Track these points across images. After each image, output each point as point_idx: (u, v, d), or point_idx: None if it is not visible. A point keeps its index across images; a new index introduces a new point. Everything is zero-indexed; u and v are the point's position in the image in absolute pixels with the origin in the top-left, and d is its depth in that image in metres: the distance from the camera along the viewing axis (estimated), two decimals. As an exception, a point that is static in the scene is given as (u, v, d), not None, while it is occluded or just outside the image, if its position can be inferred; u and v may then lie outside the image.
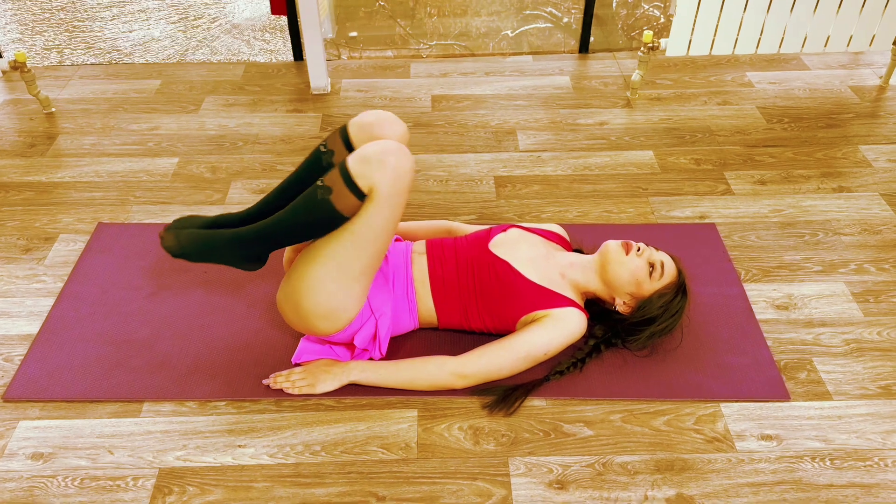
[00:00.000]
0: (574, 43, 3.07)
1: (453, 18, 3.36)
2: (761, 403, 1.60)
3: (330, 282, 1.49)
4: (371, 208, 1.42)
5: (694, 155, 2.36)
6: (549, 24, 3.33)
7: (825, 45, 2.53)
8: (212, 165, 2.31)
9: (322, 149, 1.58)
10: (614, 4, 3.52)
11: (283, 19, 3.13)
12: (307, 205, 1.43)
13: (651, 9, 3.45)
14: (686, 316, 1.79)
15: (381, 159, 1.39)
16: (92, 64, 2.87)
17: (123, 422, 1.56)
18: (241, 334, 1.75)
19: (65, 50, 2.93)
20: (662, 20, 3.33)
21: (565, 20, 3.37)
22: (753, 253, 1.98)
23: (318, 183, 1.42)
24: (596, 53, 2.96)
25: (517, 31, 3.24)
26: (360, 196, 1.41)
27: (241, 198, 2.17)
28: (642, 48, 2.53)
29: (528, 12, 3.45)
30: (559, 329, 1.60)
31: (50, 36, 3.00)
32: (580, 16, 3.38)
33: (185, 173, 2.28)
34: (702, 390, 1.62)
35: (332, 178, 1.41)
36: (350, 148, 1.56)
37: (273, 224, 1.48)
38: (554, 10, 3.46)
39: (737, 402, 1.60)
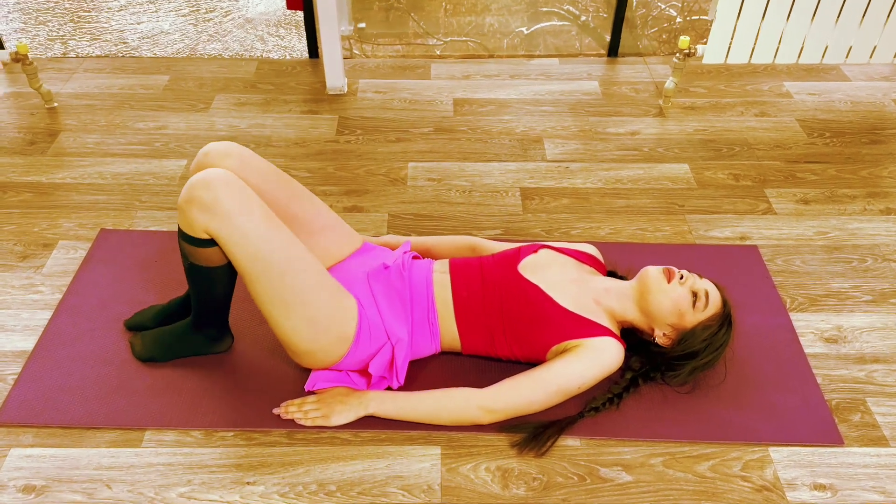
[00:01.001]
0: (590, 41, 2.95)
1: (468, 15, 3.23)
2: (813, 448, 1.47)
3: (288, 322, 1.41)
4: (224, 242, 1.34)
5: (732, 170, 2.23)
6: (566, 23, 3.20)
7: (871, 57, 2.40)
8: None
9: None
10: (634, 3, 3.39)
11: (299, 14, 2.99)
12: (191, 276, 1.45)
13: (668, 8, 3.32)
14: (730, 348, 1.66)
15: (189, 198, 1.32)
16: (97, 56, 2.75)
17: (123, 452, 1.44)
18: (250, 356, 1.63)
19: (69, 41, 2.80)
20: (679, 21, 3.20)
21: (583, 18, 3.24)
22: (798, 279, 1.85)
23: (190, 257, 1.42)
24: (626, 57, 2.83)
25: (532, 29, 3.11)
26: (207, 243, 1.36)
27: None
28: (678, 54, 2.40)
29: (543, 9, 3.32)
30: (594, 360, 1.47)
31: (54, 26, 2.87)
32: (601, 15, 3.25)
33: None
34: (749, 432, 1.50)
35: (181, 243, 1.41)
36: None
37: (193, 302, 1.53)
38: (571, 8, 3.33)
39: (786, 445, 1.47)
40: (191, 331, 1.58)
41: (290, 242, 1.37)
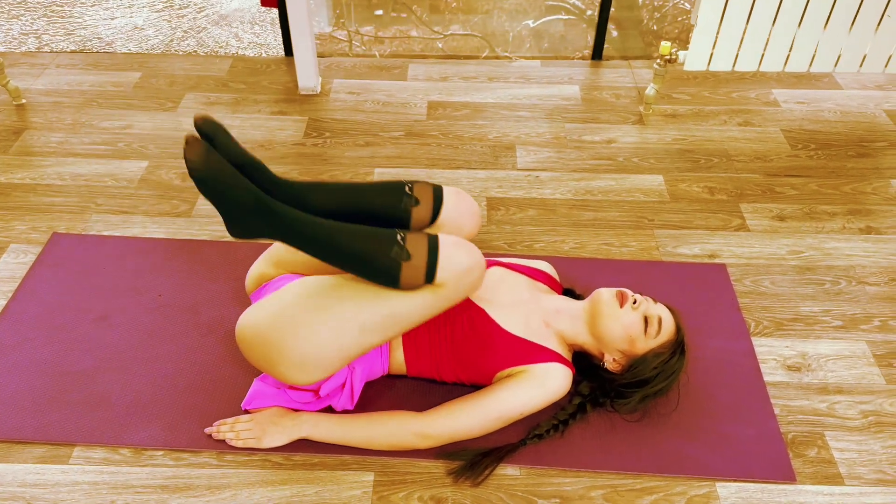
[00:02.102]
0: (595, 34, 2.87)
1: (471, 7, 3.16)
2: (763, 485, 1.41)
3: (327, 336, 1.28)
4: (424, 296, 1.29)
5: (708, 182, 2.15)
6: (572, 17, 3.12)
7: (860, 66, 2.30)
8: (183, 171, 2.14)
9: (408, 190, 1.44)
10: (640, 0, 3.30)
11: (275, 12, 2.94)
12: (374, 249, 1.26)
13: (673, 12, 3.22)
14: (685, 374, 1.60)
15: (472, 268, 1.29)
16: (71, 51, 2.71)
17: (49, 469, 1.40)
18: (188, 371, 1.58)
19: (43, 35, 2.76)
20: (682, 21, 3.11)
21: (589, 13, 3.16)
22: (766, 301, 1.78)
23: (399, 239, 1.27)
24: (610, 60, 2.74)
25: (539, 22, 3.03)
26: (430, 281, 1.27)
27: (209, 210, 2.00)
28: (658, 60, 2.32)
29: (549, 2, 3.24)
30: (539, 388, 1.42)
31: (27, 20, 2.83)
32: (611, 11, 3.17)
33: (152, 179, 2.11)
34: (697, 465, 1.43)
35: (417, 248, 1.26)
36: (437, 210, 1.47)
37: (321, 232, 1.27)
38: (577, 2, 3.25)
39: (735, 481, 1.41)
40: (264, 215, 1.26)
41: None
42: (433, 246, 1.27)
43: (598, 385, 1.51)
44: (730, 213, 2.04)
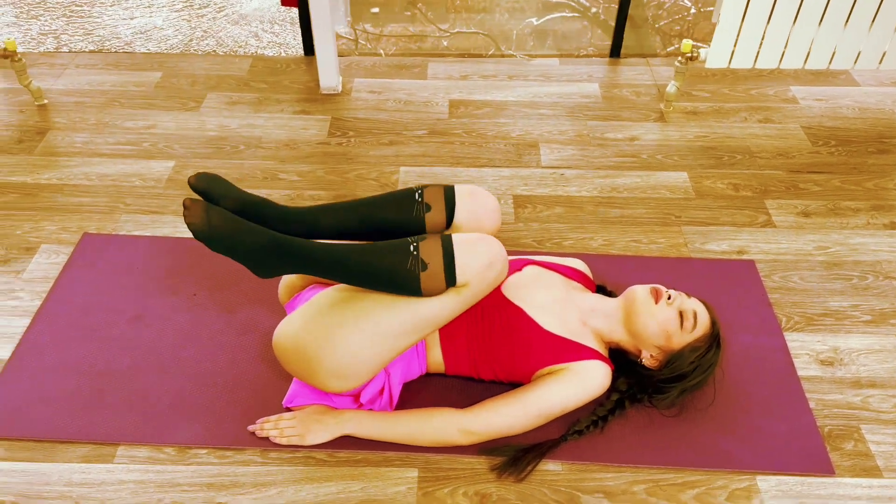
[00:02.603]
0: (600, 32, 2.88)
1: (475, 7, 3.16)
2: (802, 478, 1.43)
3: (360, 343, 1.32)
4: (449, 298, 1.31)
5: (732, 179, 2.16)
6: (576, 14, 3.13)
7: (880, 63, 2.32)
8: (209, 171, 2.14)
9: (418, 197, 1.45)
10: None
11: (295, 11, 2.94)
12: (390, 265, 1.27)
13: (673, 9, 3.23)
14: (720, 369, 1.61)
15: (492, 262, 1.30)
16: (90, 51, 2.71)
17: (95, 468, 1.41)
18: (228, 370, 1.59)
19: (62, 35, 2.76)
20: (693, 12, 3.12)
21: (593, 10, 3.17)
22: (796, 297, 1.80)
23: (413, 249, 1.27)
24: (628, 59, 2.76)
25: (542, 20, 3.04)
26: (452, 285, 1.29)
27: (238, 209, 2.00)
28: (680, 58, 2.33)
29: (553, 0, 3.25)
30: (579, 385, 1.43)
31: (46, 20, 2.83)
32: (612, 6, 3.17)
33: (180, 179, 2.11)
34: (736, 459, 1.45)
35: (432, 255, 1.27)
36: (451, 213, 1.48)
37: (336, 258, 1.28)
38: (583, 0, 3.26)
39: (775, 474, 1.43)
40: (279, 254, 1.29)
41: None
42: (448, 251, 1.28)
43: (636, 381, 1.53)
44: (755, 210, 2.05)
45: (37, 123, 2.33)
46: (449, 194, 1.48)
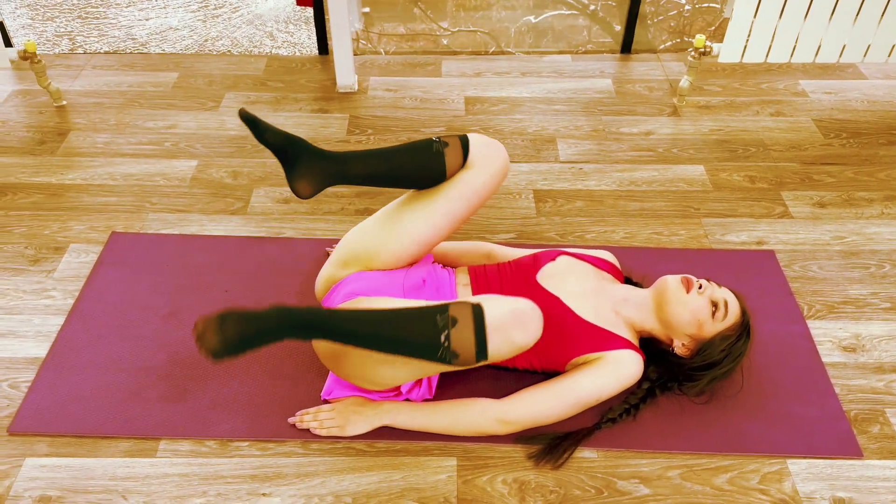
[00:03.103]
0: (597, 28, 2.91)
1: (475, 5, 3.19)
2: (831, 461, 1.46)
3: (392, 370, 1.36)
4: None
5: (748, 171, 2.20)
6: (574, 11, 3.16)
7: (889, 56, 2.36)
8: (233, 170, 2.17)
9: (435, 138, 1.51)
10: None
11: (309, 10, 2.96)
12: (421, 350, 1.23)
13: (667, 6, 3.27)
14: (747, 357, 1.65)
15: (525, 346, 1.26)
16: (106, 52, 2.72)
17: (138, 462, 1.43)
18: (265, 363, 1.62)
19: (77, 37, 2.78)
20: (688, 9, 3.16)
21: (591, 8, 3.20)
22: (816, 285, 1.83)
23: (445, 342, 1.21)
24: (639, 54, 2.79)
25: (540, 17, 3.07)
26: (484, 358, 1.25)
27: (264, 207, 2.03)
28: (692, 52, 2.37)
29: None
30: (614, 374, 1.46)
31: (62, 22, 2.84)
32: (610, 3, 3.21)
33: (204, 178, 2.14)
34: (767, 444, 1.48)
35: (464, 346, 1.22)
36: (466, 149, 1.52)
37: (361, 330, 1.24)
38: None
39: (805, 458, 1.46)
40: (311, 333, 1.26)
41: None
42: (481, 342, 1.22)
43: (667, 369, 1.56)
44: (772, 201, 2.09)
45: (57, 125, 2.35)
46: (463, 138, 1.54)
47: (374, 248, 1.54)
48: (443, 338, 1.21)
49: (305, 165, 1.44)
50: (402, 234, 1.53)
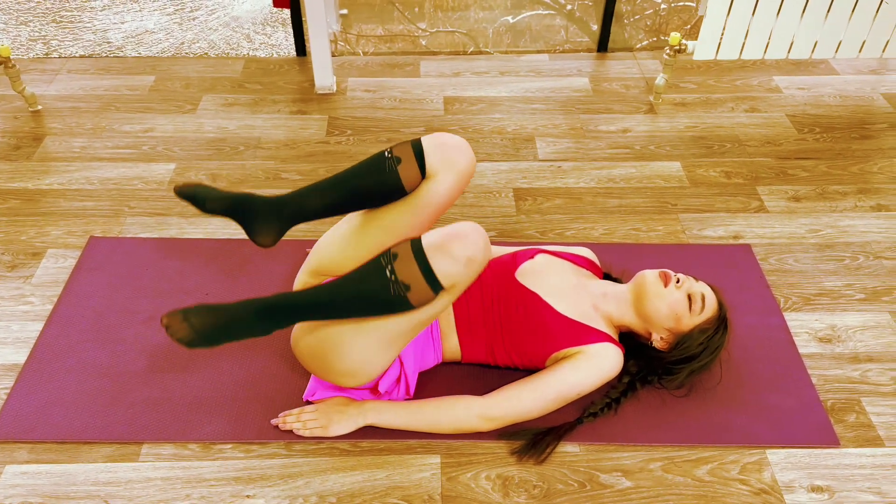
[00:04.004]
0: (574, 28, 2.93)
1: (453, 6, 3.20)
2: (810, 450, 1.49)
3: (368, 349, 1.36)
4: (442, 297, 1.31)
5: (724, 167, 2.23)
6: (551, 11, 3.18)
7: (860, 51, 2.40)
8: (212, 173, 2.16)
9: (388, 154, 1.42)
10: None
11: (286, 12, 2.96)
12: (375, 295, 1.27)
13: (643, 4, 3.31)
14: (725, 350, 1.67)
15: (470, 258, 1.26)
16: (81, 56, 2.70)
17: (120, 467, 1.43)
18: (246, 366, 1.61)
19: (51, 41, 2.75)
20: (664, 8, 3.19)
21: (569, 7, 3.22)
22: (792, 278, 1.86)
23: (390, 274, 1.25)
24: (615, 52, 2.82)
25: (517, 18, 3.09)
26: (439, 291, 1.27)
27: (243, 209, 2.02)
28: (668, 50, 2.39)
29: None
30: (594, 368, 1.48)
31: (36, 26, 2.82)
32: (586, 2, 3.23)
33: (182, 181, 2.12)
34: (746, 434, 1.51)
35: (411, 275, 1.25)
36: (422, 162, 1.41)
37: (326, 300, 1.30)
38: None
39: (783, 447, 1.49)
40: (270, 316, 1.32)
41: None
42: (424, 265, 1.25)
43: (646, 363, 1.58)
44: (748, 196, 2.12)
45: (33, 129, 2.32)
46: (416, 147, 1.44)
47: (342, 263, 1.51)
48: (388, 272, 1.25)
49: (261, 220, 1.40)
50: (368, 250, 1.47)
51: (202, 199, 1.38)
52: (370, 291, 1.27)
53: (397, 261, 1.26)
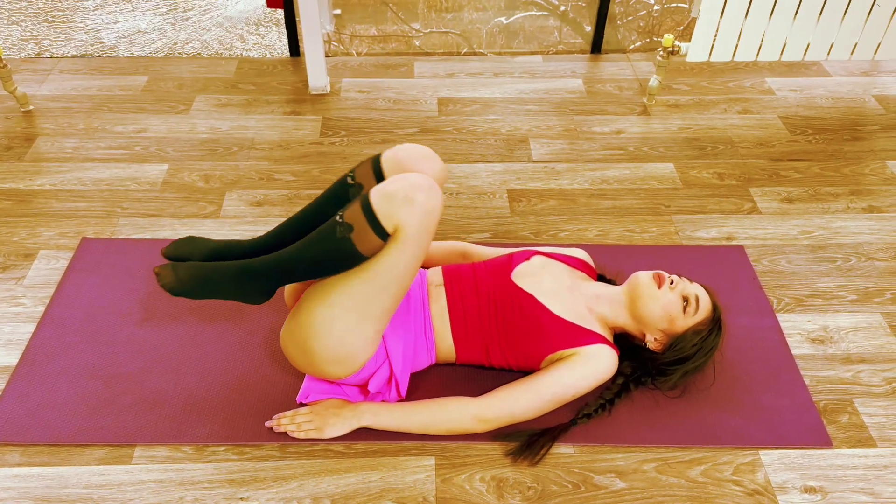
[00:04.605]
0: (568, 29, 2.94)
1: (447, 7, 3.20)
2: (802, 451, 1.49)
3: (342, 324, 1.36)
4: (394, 249, 1.30)
5: (716, 168, 2.24)
6: (545, 13, 3.18)
7: (851, 53, 2.42)
8: (205, 173, 2.15)
9: (349, 180, 1.43)
10: None
11: (280, 12, 2.95)
12: (324, 241, 1.30)
13: (636, 6, 3.31)
14: (719, 351, 1.67)
15: (408, 196, 1.26)
16: (73, 56, 2.69)
17: (113, 469, 1.42)
18: (239, 367, 1.61)
19: (43, 41, 2.74)
20: (657, 9, 3.20)
21: (562, 8, 3.23)
22: (785, 279, 1.87)
23: (338, 218, 1.29)
24: (609, 54, 2.82)
25: (511, 19, 3.09)
26: (384, 236, 1.28)
27: (237, 210, 2.02)
28: (661, 52, 2.40)
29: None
30: (589, 369, 1.48)
31: (28, 26, 2.80)
32: (580, 4, 3.24)
33: (175, 182, 2.12)
34: (739, 435, 1.51)
35: (354, 215, 1.28)
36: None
37: (285, 258, 1.35)
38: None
39: (776, 448, 1.49)
40: (245, 276, 1.38)
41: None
42: (366, 205, 1.27)
43: (640, 364, 1.58)
44: (741, 198, 2.13)
45: (24, 130, 2.31)
46: (376, 165, 1.43)
47: None
48: (338, 216, 1.29)
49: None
50: None
51: (185, 257, 1.43)
52: (323, 235, 1.30)
53: (348, 207, 1.30)
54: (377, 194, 1.27)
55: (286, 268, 1.36)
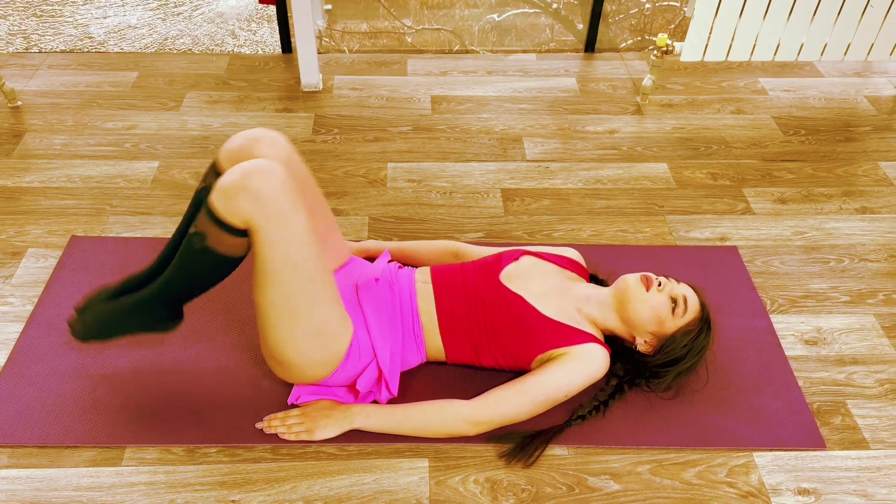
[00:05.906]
0: (560, 27, 2.93)
1: (438, 0, 3.19)
2: (796, 452, 1.49)
3: (288, 331, 1.35)
4: (262, 239, 1.24)
5: (710, 169, 2.24)
6: (537, 10, 3.18)
7: (845, 54, 2.42)
8: (195, 171, 2.13)
9: (201, 185, 1.41)
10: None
11: (272, 8, 2.92)
12: (189, 255, 1.28)
13: (628, 5, 3.31)
14: (712, 352, 1.67)
15: (241, 185, 1.20)
16: (62, 51, 2.65)
17: (103, 471, 1.40)
18: (231, 369, 1.59)
19: (32, 35, 2.70)
20: (649, 7, 3.19)
21: (554, 6, 3.22)
22: (778, 280, 1.87)
23: (192, 230, 1.26)
24: (602, 53, 2.81)
25: (503, 16, 3.08)
26: (238, 233, 1.24)
27: (228, 209, 2.00)
28: (655, 52, 2.39)
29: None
30: (580, 368, 1.47)
31: (15, 20, 2.76)
32: (572, 1, 3.23)
33: (166, 179, 2.10)
34: (733, 437, 1.51)
35: (202, 222, 1.25)
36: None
37: (167, 282, 1.34)
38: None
39: (770, 450, 1.49)
40: (142, 308, 1.37)
41: (319, 252, 1.32)
42: (207, 208, 1.24)
43: (633, 366, 1.57)
44: (734, 198, 2.13)
45: (12, 126, 2.28)
46: (215, 167, 1.41)
47: None
48: (191, 228, 1.27)
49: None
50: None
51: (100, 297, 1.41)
52: (185, 250, 1.28)
53: (199, 216, 1.27)
54: (215, 194, 1.22)
55: (171, 290, 1.34)
